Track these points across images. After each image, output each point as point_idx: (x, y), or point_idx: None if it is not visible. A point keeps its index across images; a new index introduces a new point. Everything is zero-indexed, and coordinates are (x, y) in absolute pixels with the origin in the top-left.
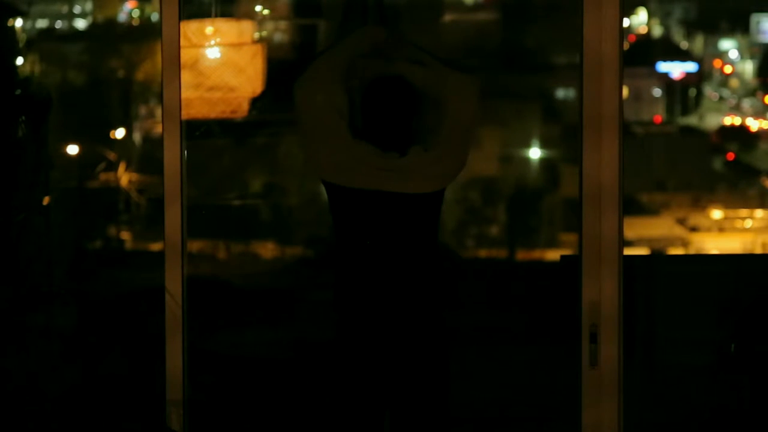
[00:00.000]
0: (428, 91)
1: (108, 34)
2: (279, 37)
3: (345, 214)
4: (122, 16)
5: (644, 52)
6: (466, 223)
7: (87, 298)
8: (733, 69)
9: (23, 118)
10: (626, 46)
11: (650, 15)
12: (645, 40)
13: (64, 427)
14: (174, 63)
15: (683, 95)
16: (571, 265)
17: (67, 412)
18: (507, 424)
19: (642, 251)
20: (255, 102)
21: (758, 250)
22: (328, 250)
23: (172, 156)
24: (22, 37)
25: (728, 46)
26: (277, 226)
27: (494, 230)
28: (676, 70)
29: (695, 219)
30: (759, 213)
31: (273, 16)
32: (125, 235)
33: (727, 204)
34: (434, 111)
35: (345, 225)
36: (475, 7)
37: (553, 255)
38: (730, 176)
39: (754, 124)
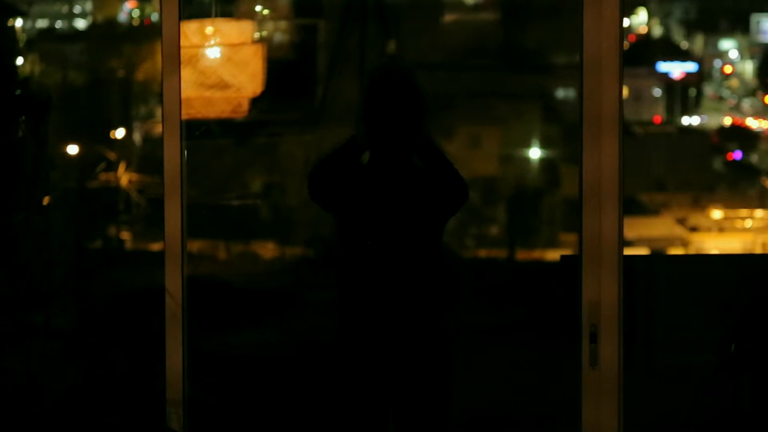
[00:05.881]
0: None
1: (108, 34)
2: (279, 37)
3: (348, 218)
4: (122, 16)
5: (644, 52)
6: (466, 223)
7: (87, 298)
8: (733, 69)
9: (23, 118)
10: (626, 46)
11: (650, 15)
12: (645, 40)
13: (64, 427)
14: (174, 63)
15: (683, 95)
16: (571, 265)
17: (67, 412)
18: (507, 424)
19: (642, 251)
20: (255, 102)
21: (758, 250)
22: (328, 250)
23: (172, 156)
24: (22, 37)
25: (728, 46)
26: (277, 226)
27: (494, 230)
28: (676, 70)
29: (695, 219)
30: (759, 213)
31: (273, 16)
32: (125, 235)
33: (727, 204)
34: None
35: (348, 228)
36: (475, 7)
37: (553, 255)
38: (730, 176)
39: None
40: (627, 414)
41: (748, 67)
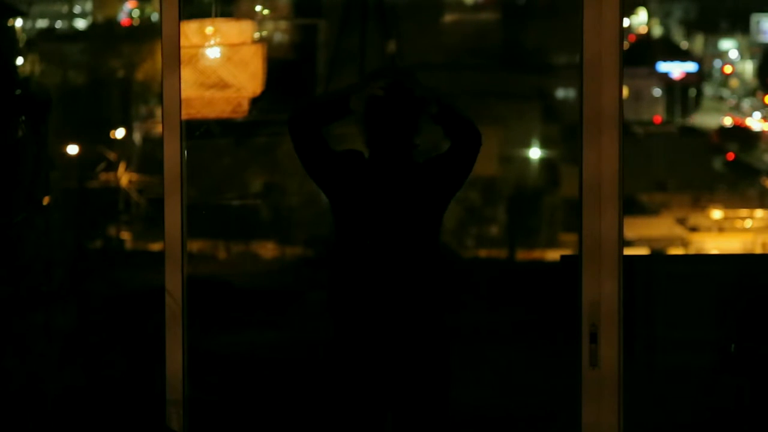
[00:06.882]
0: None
1: (108, 34)
2: (279, 37)
3: (346, 216)
4: (122, 16)
5: (644, 52)
6: (466, 223)
7: (87, 298)
8: (733, 69)
9: (23, 118)
10: (626, 46)
11: (650, 15)
12: (645, 40)
13: (64, 427)
14: (174, 63)
15: (683, 95)
16: (571, 265)
17: (67, 412)
18: (507, 424)
19: (642, 251)
20: (255, 102)
21: (758, 250)
22: (328, 250)
23: (172, 155)
24: (22, 37)
25: (728, 46)
26: (277, 226)
27: (494, 230)
28: (676, 70)
29: (695, 219)
30: (759, 213)
31: (273, 16)
32: (125, 235)
33: (727, 204)
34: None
35: (346, 226)
36: (475, 7)
37: (553, 255)
38: (730, 176)
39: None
40: (627, 414)
41: (748, 67)
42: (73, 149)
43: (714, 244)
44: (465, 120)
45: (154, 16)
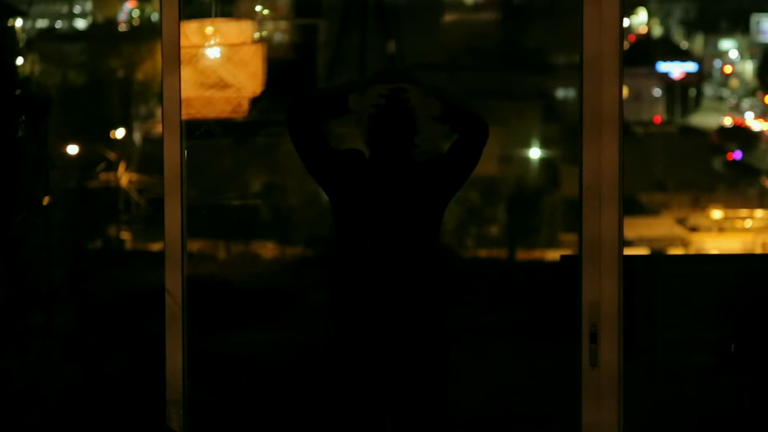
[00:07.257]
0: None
1: (108, 34)
2: (279, 37)
3: (346, 215)
4: (122, 16)
5: (644, 52)
6: (466, 223)
7: (87, 298)
8: (733, 69)
9: (23, 118)
10: (626, 46)
11: (650, 15)
12: (645, 40)
13: (64, 427)
14: (174, 63)
15: (683, 95)
16: (571, 265)
17: (67, 412)
18: (507, 424)
19: (642, 251)
20: (255, 102)
21: (758, 250)
22: (328, 250)
23: (172, 156)
24: (22, 37)
25: (728, 46)
26: (277, 226)
27: (494, 230)
28: (676, 70)
29: (695, 219)
30: (759, 213)
31: (273, 16)
32: (125, 235)
33: (727, 204)
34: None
35: (346, 226)
36: (475, 7)
37: (553, 255)
38: (730, 176)
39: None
40: (627, 414)
41: (748, 67)
42: (73, 149)
43: (714, 244)
44: (471, 113)
45: (154, 16)
